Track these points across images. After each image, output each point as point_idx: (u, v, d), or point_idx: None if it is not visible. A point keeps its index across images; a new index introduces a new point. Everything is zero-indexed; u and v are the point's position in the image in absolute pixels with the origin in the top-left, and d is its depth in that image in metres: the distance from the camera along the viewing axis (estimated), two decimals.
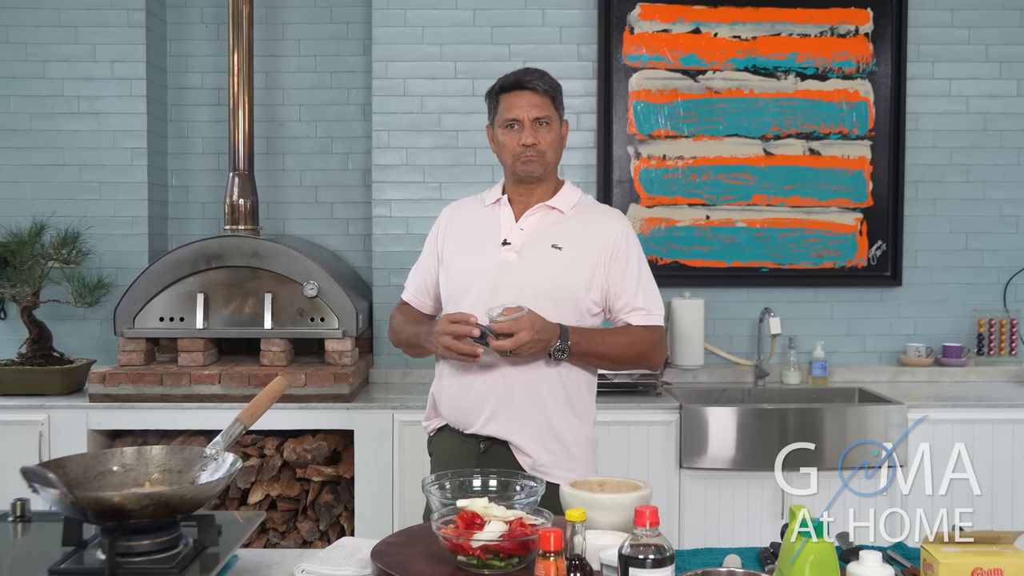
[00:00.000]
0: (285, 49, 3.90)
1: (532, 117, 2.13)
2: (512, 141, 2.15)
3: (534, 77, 2.15)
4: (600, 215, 2.23)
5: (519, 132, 2.14)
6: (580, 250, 2.14)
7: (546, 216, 2.19)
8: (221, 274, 3.44)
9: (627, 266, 2.15)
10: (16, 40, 3.70)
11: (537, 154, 2.14)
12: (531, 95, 2.13)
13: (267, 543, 3.26)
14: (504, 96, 2.16)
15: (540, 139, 2.14)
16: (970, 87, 3.85)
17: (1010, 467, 3.30)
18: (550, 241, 2.15)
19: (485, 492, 1.75)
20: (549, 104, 2.15)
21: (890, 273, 3.84)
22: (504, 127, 2.16)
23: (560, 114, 2.19)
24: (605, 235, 2.16)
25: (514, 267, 2.12)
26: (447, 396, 2.19)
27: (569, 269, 2.12)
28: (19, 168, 3.72)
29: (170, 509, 1.51)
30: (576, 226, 2.17)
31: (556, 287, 2.10)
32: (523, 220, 2.18)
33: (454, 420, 2.18)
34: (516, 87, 2.14)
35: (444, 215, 2.32)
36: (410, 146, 3.76)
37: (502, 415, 2.10)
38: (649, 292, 2.18)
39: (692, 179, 3.79)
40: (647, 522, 1.35)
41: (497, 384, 2.10)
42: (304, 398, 3.26)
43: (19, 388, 3.32)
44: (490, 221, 2.21)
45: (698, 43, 3.77)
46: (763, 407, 3.34)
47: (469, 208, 2.29)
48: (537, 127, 2.14)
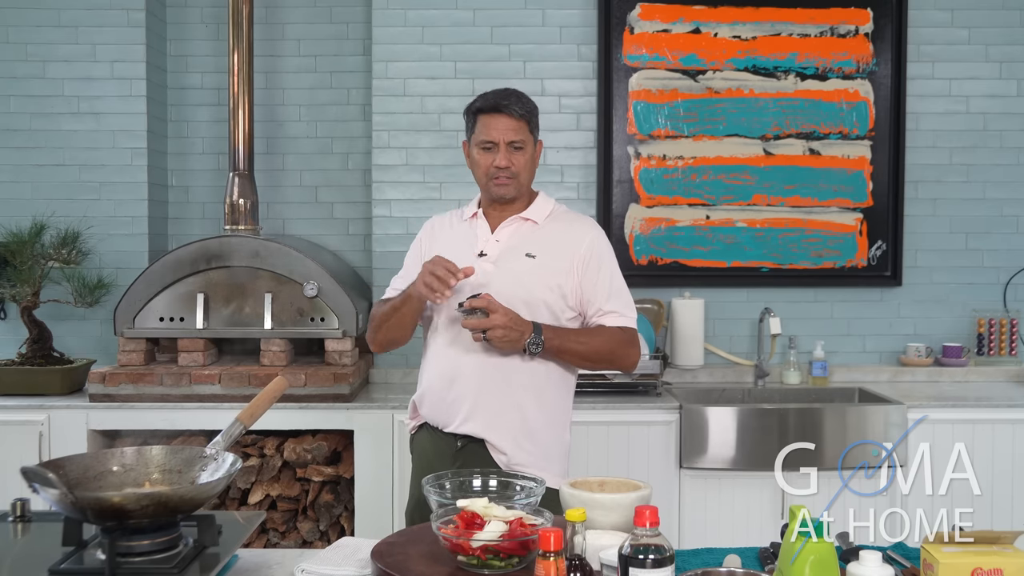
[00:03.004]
0: (285, 49, 3.90)
1: (507, 140, 2.20)
2: (487, 161, 2.23)
3: (511, 101, 2.21)
4: (572, 223, 2.30)
5: (494, 153, 2.22)
6: (553, 258, 2.22)
7: (520, 227, 2.27)
8: (221, 274, 3.44)
9: (599, 272, 2.23)
10: (16, 40, 3.70)
11: (510, 176, 2.22)
12: (507, 119, 2.20)
13: (267, 543, 3.26)
14: (482, 117, 2.23)
15: (514, 162, 2.22)
16: (970, 87, 3.84)
17: (1010, 467, 3.30)
18: (524, 250, 2.23)
19: (485, 492, 1.76)
20: (524, 128, 2.22)
21: (890, 273, 3.84)
22: (480, 147, 2.24)
23: (535, 136, 2.26)
24: (577, 242, 2.23)
25: (491, 276, 2.19)
26: (428, 395, 2.26)
27: (542, 276, 2.20)
28: (19, 168, 3.72)
29: (170, 509, 1.51)
30: (549, 235, 2.26)
31: (530, 293, 2.18)
32: (499, 231, 2.27)
33: (433, 418, 2.25)
34: (493, 110, 2.21)
35: (426, 228, 2.40)
36: (410, 146, 3.76)
37: (479, 415, 2.17)
38: (621, 296, 2.25)
39: (692, 179, 3.79)
40: (647, 522, 1.35)
41: (476, 384, 2.17)
42: (304, 398, 3.26)
43: (19, 388, 3.32)
44: (468, 234, 2.30)
45: (698, 43, 3.77)
46: (763, 407, 3.34)
47: (449, 221, 2.38)
48: (512, 150, 2.21)
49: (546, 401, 2.22)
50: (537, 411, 2.20)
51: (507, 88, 2.29)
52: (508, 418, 2.17)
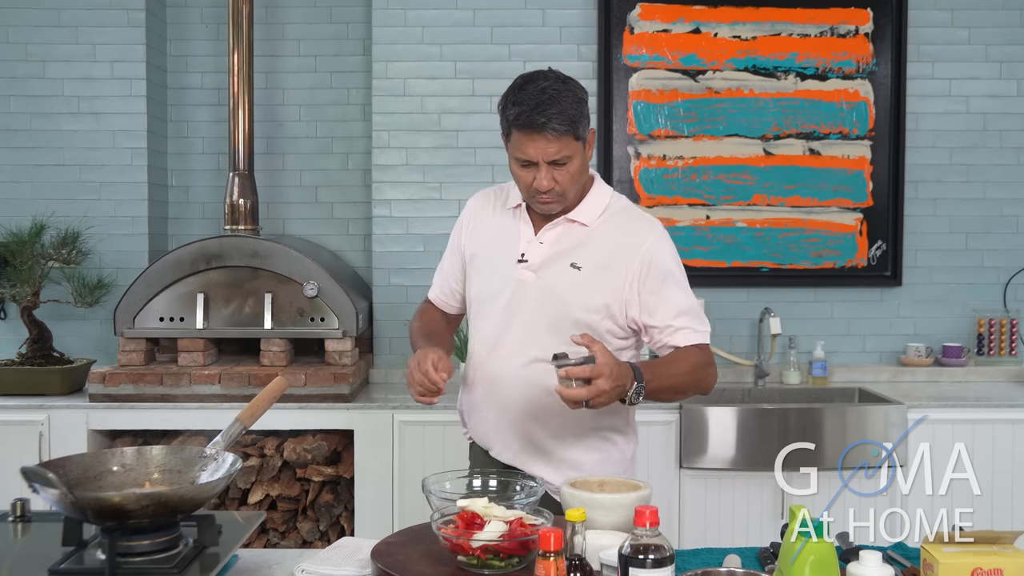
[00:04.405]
0: (285, 49, 3.90)
1: (548, 160, 1.88)
2: (526, 178, 1.92)
3: (551, 117, 1.83)
4: (627, 226, 1.99)
5: (534, 171, 1.90)
6: (602, 270, 1.94)
7: (568, 231, 1.99)
8: (221, 274, 3.44)
9: (663, 284, 1.94)
10: (16, 40, 3.70)
11: (555, 196, 1.93)
12: (546, 139, 1.85)
13: (267, 543, 3.26)
14: (516, 132, 1.89)
15: (559, 180, 1.90)
16: (970, 87, 3.84)
17: (1010, 467, 3.30)
18: (570, 259, 1.96)
19: (485, 492, 1.75)
20: (570, 141, 1.87)
21: (890, 273, 3.84)
22: (517, 162, 1.92)
23: (583, 140, 1.91)
24: (631, 251, 1.95)
25: (529, 287, 1.96)
26: (469, 415, 2.11)
27: (587, 295, 1.94)
28: (19, 168, 3.71)
29: (170, 509, 1.51)
30: (600, 241, 1.97)
31: (572, 314, 1.93)
32: (543, 233, 1.99)
33: (477, 439, 2.12)
34: (528, 128, 1.85)
35: (469, 209, 2.14)
36: (410, 146, 3.76)
37: (526, 452, 2.01)
38: (689, 307, 1.97)
39: (692, 179, 3.79)
40: (647, 522, 1.35)
41: (522, 419, 1.99)
42: (304, 398, 3.26)
43: (19, 388, 3.32)
44: (509, 229, 2.03)
45: (698, 43, 3.77)
46: (763, 407, 3.34)
47: (492, 205, 2.10)
48: (555, 167, 1.89)
49: (601, 435, 2.02)
50: (589, 450, 2.01)
51: (546, 90, 1.86)
52: (558, 458, 1.99)
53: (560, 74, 1.92)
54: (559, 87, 1.87)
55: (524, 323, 1.97)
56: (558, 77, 1.90)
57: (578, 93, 1.90)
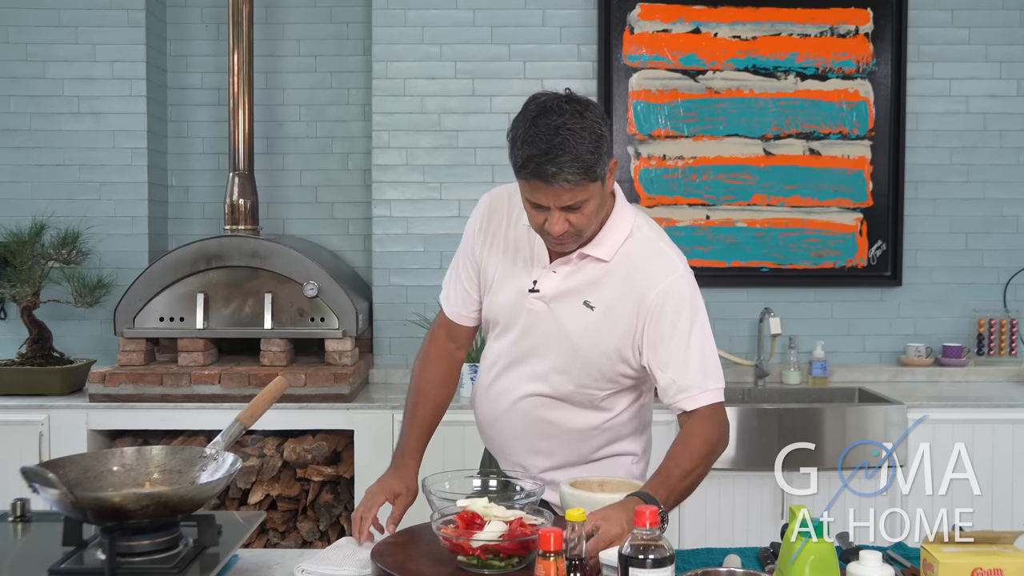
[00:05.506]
0: (285, 49, 3.90)
1: (560, 206, 1.70)
2: (538, 219, 1.74)
3: (563, 166, 1.64)
4: (645, 265, 1.83)
5: (545, 213, 1.71)
6: (615, 314, 1.81)
7: (583, 266, 1.83)
8: (221, 274, 3.44)
9: (674, 327, 1.79)
10: (16, 40, 3.70)
11: (569, 237, 1.76)
12: (556, 191, 1.67)
13: (267, 543, 3.26)
14: (523, 180, 1.70)
15: (573, 222, 1.72)
16: (970, 87, 3.84)
17: (1010, 467, 3.29)
18: (583, 297, 1.82)
19: (485, 492, 1.75)
20: (585, 185, 1.68)
21: (890, 273, 3.84)
22: (527, 201, 1.74)
23: (602, 178, 1.73)
24: (645, 290, 1.80)
25: (540, 318, 1.85)
26: (480, 426, 2.05)
27: (598, 339, 1.81)
28: (19, 168, 3.71)
29: (170, 509, 1.51)
30: (616, 279, 1.82)
31: (581, 352, 1.83)
32: (558, 263, 1.84)
33: (489, 447, 2.08)
34: (536, 177, 1.66)
35: (482, 210, 1.96)
36: (410, 146, 3.76)
37: (541, 468, 1.95)
38: (705, 363, 1.83)
39: (692, 179, 3.79)
40: (647, 522, 1.35)
41: (525, 450, 1.95)
42: (304, 398, 3.26)
43: (19, 388, 3.32)
44: (524, 246, 1.88)
45: (698, 43, 3.77)
46: (763, 407, 3.34)
47: (507, 215, 1.92)
48: (569, 211, 1.71)
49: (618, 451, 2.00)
50: (607, 465, 1.98)
51: (560, 129, 1.64)
52: (575, 473, 1.93)
53: (578, 103, 1.71)
54: (575, 124, 1.66)
55: (532, 357, 1.89)
56: (575, 110, 1.69)
57: (596, 128, 1.70)
